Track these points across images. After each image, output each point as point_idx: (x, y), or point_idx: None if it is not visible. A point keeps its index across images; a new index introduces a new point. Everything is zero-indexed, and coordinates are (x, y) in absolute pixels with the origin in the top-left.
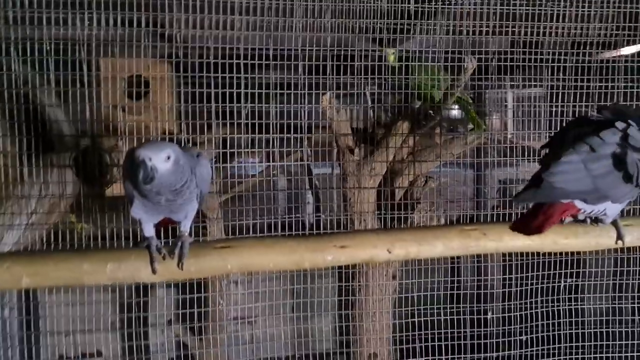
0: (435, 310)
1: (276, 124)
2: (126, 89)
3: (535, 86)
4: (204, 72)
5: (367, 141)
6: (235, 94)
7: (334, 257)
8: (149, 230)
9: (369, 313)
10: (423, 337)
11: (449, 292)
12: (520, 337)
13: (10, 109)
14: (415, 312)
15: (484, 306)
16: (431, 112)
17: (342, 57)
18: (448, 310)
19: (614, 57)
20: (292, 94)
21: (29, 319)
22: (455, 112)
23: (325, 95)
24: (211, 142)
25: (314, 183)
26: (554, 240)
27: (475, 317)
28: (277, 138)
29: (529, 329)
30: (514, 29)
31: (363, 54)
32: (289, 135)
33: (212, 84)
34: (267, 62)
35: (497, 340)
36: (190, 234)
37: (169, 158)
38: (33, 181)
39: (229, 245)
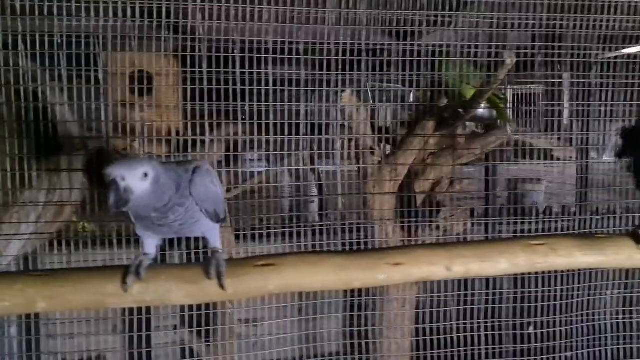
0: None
1: (288, 123)
2: (128, 86)
3: (584, 84)
4: (228, 67)
5: (388, 141)
6: (247, 91)
7: (387, 276)
8: (149, 247)
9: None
10: (452, 355)
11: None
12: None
13: (18, 108)
14: (442, 328)
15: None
16: (461, 110)
17: (364, 51)
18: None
19: None
20: (307, 91)
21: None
22: (482, 110)
23: (346, 92)
24: (220, 143)
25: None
26: (629, 255)
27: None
28: (305, 139)
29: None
30: (561, 22)
31: (387, 47)
32: (301, 136)
33: (222, 80)
34: (275, 56)
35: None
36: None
37: (146, 176)
38: (40, 186)
39: (271, 263)
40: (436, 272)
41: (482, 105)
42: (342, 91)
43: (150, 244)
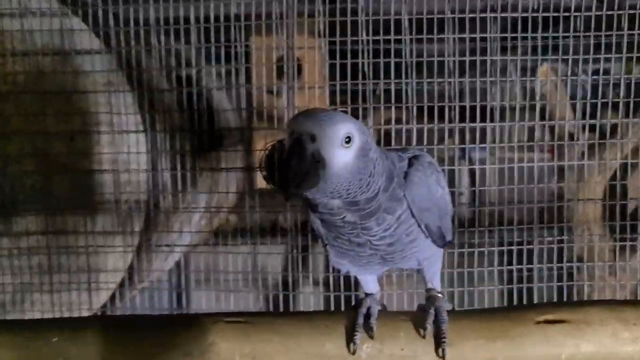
0: None
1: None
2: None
3: None
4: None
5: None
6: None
7: None
8: (369, 285)
9: None
10: None
11: None
12: None
13: (179, 95)
14: None
15: None
16: None
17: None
18: None
19: None
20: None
21: None
22: None
23: (543, 66)
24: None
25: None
26: None
27: None
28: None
29: None
30: None
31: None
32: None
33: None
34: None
35: None
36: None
37: (349, 141)
38: (202, 186)
39: (562, 318)
40: None
41: None
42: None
43: (371, 281)
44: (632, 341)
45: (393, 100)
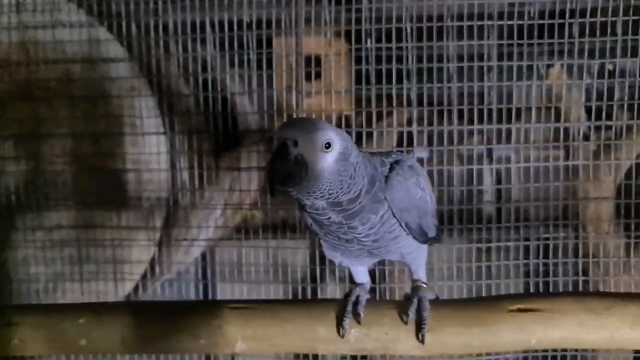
0: None
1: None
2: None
3: None
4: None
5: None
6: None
7: None
8: (359, 275)
9: None
10: None
11: None
12: None
13: (197, 98)
14: None
15: None
16: None
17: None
18: None
19: None
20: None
21: None
22: None
23: (554, 67)
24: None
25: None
26: None
27: None
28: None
29: None
30: None
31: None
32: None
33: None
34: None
35: None
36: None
37: (328, 147)
38: (222, 183)
39: (533, 307)
40: None
41: None
42: (549, 66)
43: (361, 272)
44: (597, 329)
45: (395, 103)
